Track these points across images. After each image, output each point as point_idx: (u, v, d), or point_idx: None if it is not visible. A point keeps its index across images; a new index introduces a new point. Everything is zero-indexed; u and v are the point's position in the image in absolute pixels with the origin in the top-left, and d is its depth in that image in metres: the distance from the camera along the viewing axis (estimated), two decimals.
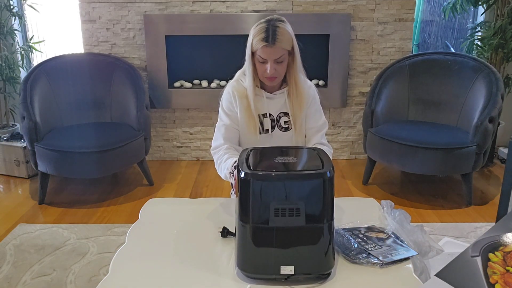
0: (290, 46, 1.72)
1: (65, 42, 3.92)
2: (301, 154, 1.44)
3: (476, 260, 1.06)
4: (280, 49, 1.68)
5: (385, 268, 1.30)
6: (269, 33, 1.66)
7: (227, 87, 1.88)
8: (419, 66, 3.34)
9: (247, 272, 1.26)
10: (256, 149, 1.41)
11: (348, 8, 3.49)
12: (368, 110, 3.22)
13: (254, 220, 1.22)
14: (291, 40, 1.71)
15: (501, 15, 3.46)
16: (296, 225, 1.22)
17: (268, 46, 1.67)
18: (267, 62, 1.70)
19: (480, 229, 2.65)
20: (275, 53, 1.68)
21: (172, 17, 3.48)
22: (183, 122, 3.77)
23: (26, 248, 2.50)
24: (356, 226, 1.51)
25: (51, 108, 3.22)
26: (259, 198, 1.21)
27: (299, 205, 1.21)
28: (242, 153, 1.37)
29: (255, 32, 1.70)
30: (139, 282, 1.27)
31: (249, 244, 1.24)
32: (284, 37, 1.68)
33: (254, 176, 1.21)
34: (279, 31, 1.67)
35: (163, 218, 1.62)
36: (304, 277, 1.26)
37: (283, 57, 1.71)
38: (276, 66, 1.71)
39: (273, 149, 1.46)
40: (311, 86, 1.90)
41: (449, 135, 2.96)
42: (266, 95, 1.83)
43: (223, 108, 1.88)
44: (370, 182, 3.33)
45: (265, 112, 1.84)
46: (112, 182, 3.42)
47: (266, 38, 1.66)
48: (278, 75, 1.75)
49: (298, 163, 1.35)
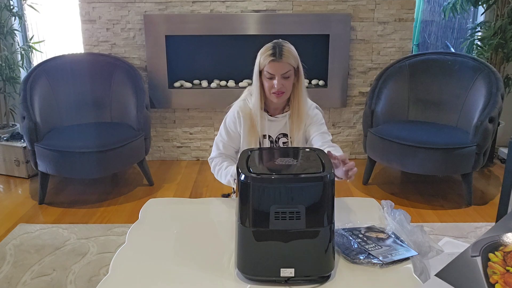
0: (296, 64, 1.80)
1: (65, 42, 3.92)
2: (301, 155, 1.44)
3: (476, 260, 1.06)
4: (286, 64, 1.77)
5: (385, 268, 1.30)
6: (276, 50, 1.77)
7: (234, 107, 1.94)
8: (419, 66, 3.34)
9: (247, 274, 1.26)
10: (256, 151, 1.41)
11: (348, 8, 3.49)
12: (368, 110, 3.22)
13: (254, 223, 1.22)
14: (297, 59, 1.81)
15: (501, 15, 3.46)
16: (296, 228, 1.22)
17: (275, 60, 1.76)
18: (275, 77, 1.77)
19: (480, 229, 2.65)
20: (282, 68, 1.76)
21: (172, 17, 3.49)
22: (183, 122, 3.77)
23: (26, 248, 2.50)
24: (356, 226, 1.51)
25: (51, 108, 3.22)
26: (259, 201, 1.21)
27: (299, 208, 1.20)
28: (242, 154, 1.37)
29: (262, 51, 1.80)
30: (139, 282, 1.27)
31: (249, 246, 1.24)
32: (291, 54, 1.78)
33: (254, 179, 1.21)
34: (285, 48, 1.78)
35: (163, 218, 1.62)
36: (304, 279, 1.26)
37: (290, 73, 1.78)
38: (283, 81, 1.78)
39: (273, 151, 1.46)
40: (311, 106, 1.95)
41: (449, 135, 2.96)
42: (268, 117, 1.89)
43: (226, 125, 1.95)
44: (370, 182, 3.33)
45: (265, 133, 1.89)
46: (112, 182, 3.42)
47: (273, 53, 1.76)
48: (285, 90, 1.81)
49: (298, 166, 1.35)
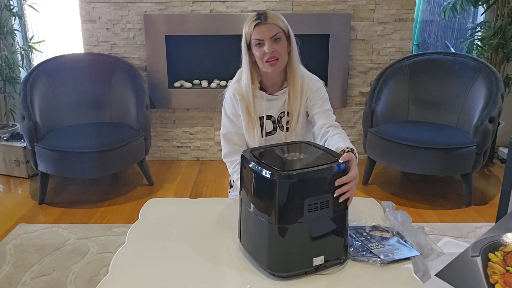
0: (285, 27, 1.70)
1: (65, 42, 3.92)
2: (302, 149, 1.44)
3: (476, 260, 1.06)
4: (274, 26, 1.66)
5: (385, 268, 1.30)
6: (260, 15, 1.68)
7: (229, 90, 1.84)
8: (419, 66, 3.34)
9: (282, 272, 1.27)
10: (256, 150, 1.41)
11: (348, 8, 3.49)
12: (368, 110, 3.22)
13: (287, 219, 1.24)
14: (285, 23, 1.70)
15: (501, 15, 3.46)
16: (326, 216, 1.27)
17: (261, 23, 1.66)
18: (264, 43, 1.66)
19: (480, 229, 2.65)
20: (270, 30, 1.66)
21: (172, 17, 3.49)
22: (183, 122, 3.77)
23: (26, 248, 2.50)
24: (362, 225, 1.51)
25: (51, 108, 3.22)
26: (293, 196, 1.23)
27: (328, 197, 1.26)
28: (244, 156, 1.36)
29: (247, 20, 1.71)
30: (139, 282, 1.27)
31: (282, 243, 1.25)
32: (276, 16, 1.68)
33: (284, 177, 1.22)
34: (269, 13, 1.68)
35: (163, 218, 1.62)
36: (332, 263, 1.30)
37: (279, 35, 1.67)
38: (274, 45, 1.66)
39: (272, 148, 1.45)
40: (312, 78, 1.83)
41: (449, 135, 2.96)
42: (267, 97, 1.79)
43: (226, 113, 1.85)
44: (370, 182, 3.33)
45: (266, 114, 1.81)
46: (112, 182, 3.42)
47: (258, 18, 1.67)
48: (279, 56, 1.68)
49: (312, 159, 1.36)
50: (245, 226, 1.37)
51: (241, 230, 1.40)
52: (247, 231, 1.36)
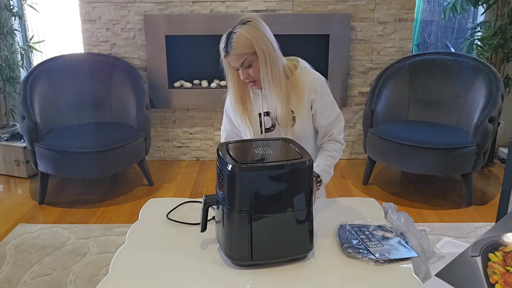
0: (251, 48, 1.63)
1: (65, 42, 3.92)
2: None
3: (476, 260, 1.06)
4: (237, 56, 1.64)
5: (385, 267, 1.30)
6: (226, 42, 1.64)
7: None
8: (419, 66, 3.34)
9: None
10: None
11: (348, 8, 3.50)
12: (368, 110, 3.22)
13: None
14: (250, 43, 1.62)
15: (501, 15, 3.46)
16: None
17: (226, 56, 1.66)
18: (239, 68, 1.69)
19: (480, 229, 2.65)
20: (236, 60, 1.66)
21: (172, 17, 3.49)
22: (183, 122, 3.77)
23: (26, 248, 2.50)
24: (366, 224, 1.51)
25: (51, 108, 3.22)
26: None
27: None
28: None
29: (220, 43, 1.69)
30: (139, 282, 1.27)
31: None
32: (239, 43, 1.62)
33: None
34: (233, 38, 1.62)
35: (163, 218, 1.62)
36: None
37: (247, 61, 1.66)
38: (246, 70, 1.68)
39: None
40: (315, 78, 1.78)
41: (449, 135, 2.96)
42: (262, 92, 1.79)
43: (226, 111, 1.92)
44: (370, 182, 3.33)
45: (264, 111, 1.81)
46: (112, 182, 3.42)
47: (224, 48, 1.65)
48: (255, 78, 1.70)
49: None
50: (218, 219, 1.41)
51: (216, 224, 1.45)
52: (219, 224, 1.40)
